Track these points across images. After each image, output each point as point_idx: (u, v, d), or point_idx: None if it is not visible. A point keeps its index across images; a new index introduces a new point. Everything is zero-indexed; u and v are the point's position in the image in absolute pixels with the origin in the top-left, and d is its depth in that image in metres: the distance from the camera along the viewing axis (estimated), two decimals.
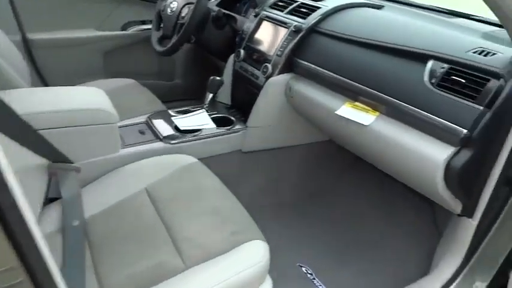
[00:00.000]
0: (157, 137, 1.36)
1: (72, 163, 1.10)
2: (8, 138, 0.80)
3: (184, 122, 1.42)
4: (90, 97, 1.17)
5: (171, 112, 1.52)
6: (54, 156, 1.05)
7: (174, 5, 1.73)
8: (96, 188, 1.13)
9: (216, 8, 1.74)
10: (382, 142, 1.09)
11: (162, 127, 1.41)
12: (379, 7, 1.50)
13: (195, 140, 1.37)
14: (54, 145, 1.03)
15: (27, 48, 1.81)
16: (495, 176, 0.97)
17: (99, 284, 0.83)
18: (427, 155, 0.97)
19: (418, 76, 1.02)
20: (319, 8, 1.43)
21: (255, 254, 0.93)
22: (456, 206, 1.04)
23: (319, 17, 1.39)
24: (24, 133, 0.90)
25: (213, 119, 1.47)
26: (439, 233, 1.36)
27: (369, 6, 1.47)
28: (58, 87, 1.21)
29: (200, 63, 2.18)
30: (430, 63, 1.02)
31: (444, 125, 0.93)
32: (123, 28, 2.10)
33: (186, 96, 2.14)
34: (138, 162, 1.21)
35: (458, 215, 1.07)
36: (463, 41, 1.06)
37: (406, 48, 1.09)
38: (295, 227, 1.57)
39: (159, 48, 1.76)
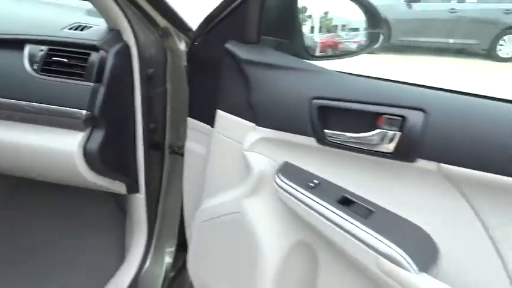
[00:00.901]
0: None
1: None
2: None
3: None
4: None
5: None
6: None
7: None
8: None
9: None
10: (10, 151, 0.91)
11: None
12: None
13: None
14: None
15: None
16: (140, 145, 0.98)
17: None
18: (59, 149, 0.88)
19: (19, 66, 0.90)
20: None
21: None
22: (120, 187, 1.01)
23: None
24: None
25: None
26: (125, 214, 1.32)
27: None
28: None
29: None
30: (27, 49, 0.92)
31: (62, 112, 0.86)
32: None
33: None
34: None
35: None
36: (60, 20, 1.00)
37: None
38: None
39: None
